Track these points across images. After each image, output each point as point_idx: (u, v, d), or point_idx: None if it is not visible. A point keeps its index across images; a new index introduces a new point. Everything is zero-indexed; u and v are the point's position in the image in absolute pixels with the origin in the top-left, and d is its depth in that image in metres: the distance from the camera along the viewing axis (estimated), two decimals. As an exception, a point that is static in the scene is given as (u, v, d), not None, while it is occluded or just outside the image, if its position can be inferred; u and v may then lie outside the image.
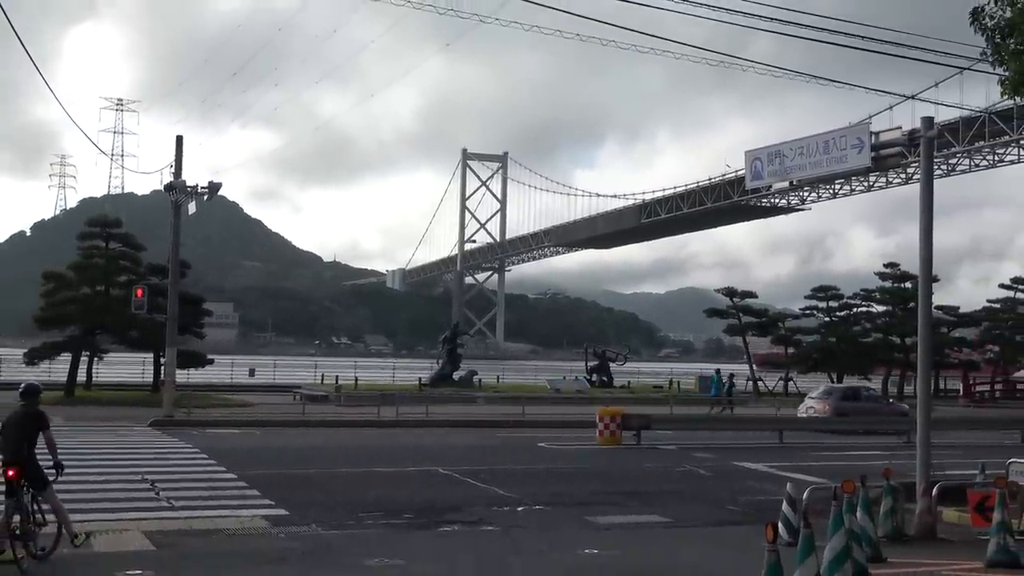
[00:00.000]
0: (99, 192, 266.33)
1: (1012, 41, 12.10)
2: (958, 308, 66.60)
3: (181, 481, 18.25)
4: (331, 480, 19.20)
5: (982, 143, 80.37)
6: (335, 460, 22.42)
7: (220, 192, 33.61)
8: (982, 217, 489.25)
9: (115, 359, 49.58)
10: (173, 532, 13.43)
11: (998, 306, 66.05)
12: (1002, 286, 66.97)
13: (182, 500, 16.09)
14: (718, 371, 45.82)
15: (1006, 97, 13.48)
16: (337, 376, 52.12)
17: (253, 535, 13.51)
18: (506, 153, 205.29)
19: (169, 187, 33.33)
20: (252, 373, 63.44)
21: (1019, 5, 12.00)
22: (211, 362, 45.95)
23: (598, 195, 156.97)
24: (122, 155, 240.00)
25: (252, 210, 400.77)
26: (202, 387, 47.49)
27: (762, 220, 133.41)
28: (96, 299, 41.92)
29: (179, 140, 34.27)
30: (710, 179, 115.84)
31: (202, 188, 32.89)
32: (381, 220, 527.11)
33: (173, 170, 33.61)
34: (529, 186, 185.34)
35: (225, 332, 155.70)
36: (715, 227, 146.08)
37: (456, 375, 52.13)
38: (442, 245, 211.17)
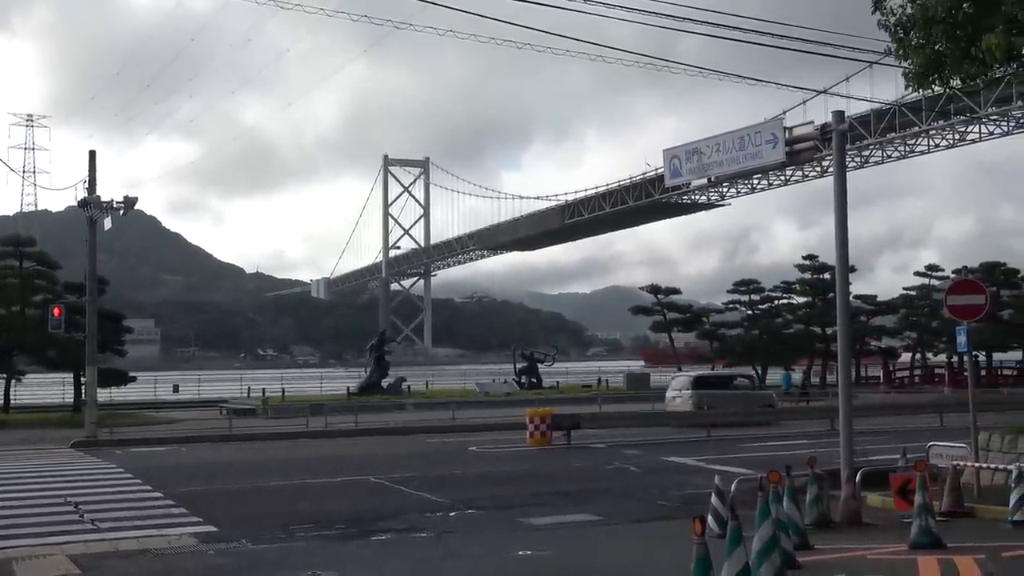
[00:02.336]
0: (11, 210, 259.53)
1: (914, 35, 12.43)
2: (876, 297, 68.12)
3: (106, 502, 17.89)
4: (260, 494, 18.99)
5: (893, 135, 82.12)
6: (264, 474, 22.17)
7: (137, 206, 33.13)
8: (903, 206, 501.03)
9: (33, 380, 48.47)
10: (99, 555, 13.16)
11: (914, 293, 67.57)
12: (917, 273, 68.47)
13: (108, 521, 15.77)
14: (787, 368, 51.82)
15: (911, 90, 13.84)
16: (264, 389, 51.45)
17: (182, 554, 13.31)
18: (427, 158, 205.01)
19: (83, 203, 32.73)
20: (176, 389, 62.45)
21: (919, 1, 12.34)
22: (133, 379, 45.18)
23: (521, 197, 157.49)
24: (34, 172, 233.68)
25: (172, 223, 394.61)
26: (125, 405, 46.68)
27: (685, 217, 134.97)
28: (11, 320, 40.97)
29: (92, 155, 33.66)
30: (631, 178, 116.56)
31: (118, 203, 32.36)
32: (305, 229, 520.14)
33: (87, 186, 33.00)
34: (452, 191, 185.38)
35: (147, 348, 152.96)
36: (637, 225, 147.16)
37: (384, 383, 51.86)
38: (367, 252, 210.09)
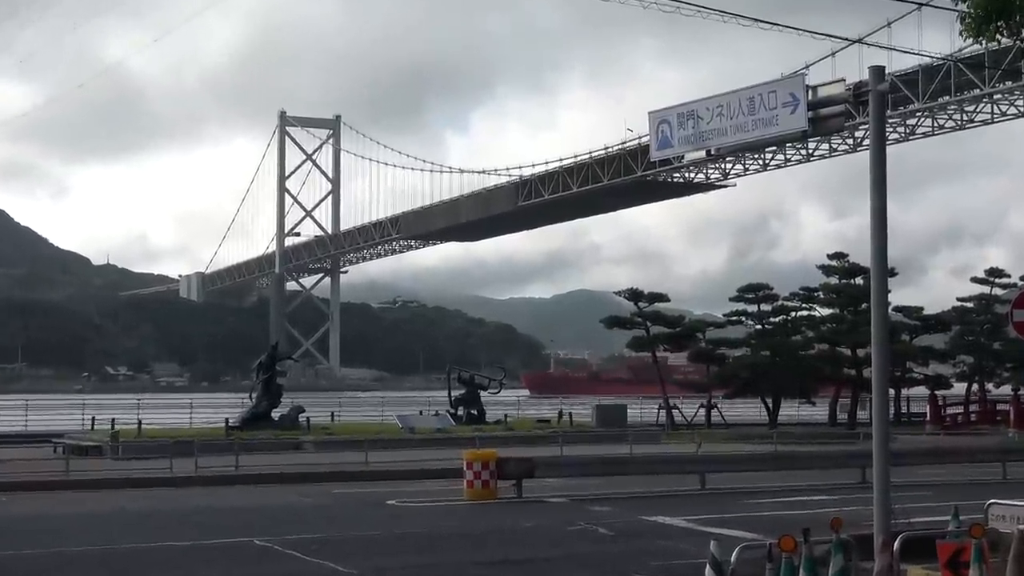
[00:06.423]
0: None
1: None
2: (922, 309, 67.92)
3: None
4: (106, 561, 18.81)
5: (947, 98, 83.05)
6: (112, 533, 21.98)
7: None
8: (967, 190, 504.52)
9: None
10: None
11: (971, 305, 67.83)
12: (975, 280, 68.67)
13: None
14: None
15: (969, 40, 13.98)
16: (113, 419, 51.01)
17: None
18: (338, 117, 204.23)
19: None
20: (-5, 419, 61.79)
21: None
22: (-62, 405, 44.66)
23: (462, 171, 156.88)
24: None
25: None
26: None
27: (679, 200, 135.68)
28: None
29: None
30: (606, 149, 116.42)
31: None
32: (177, 207, 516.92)
33: None
34: (372, 160, 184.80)
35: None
36: (614, 210, 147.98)
37: (276, 413, 51.59)
38: (255, 240, 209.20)
